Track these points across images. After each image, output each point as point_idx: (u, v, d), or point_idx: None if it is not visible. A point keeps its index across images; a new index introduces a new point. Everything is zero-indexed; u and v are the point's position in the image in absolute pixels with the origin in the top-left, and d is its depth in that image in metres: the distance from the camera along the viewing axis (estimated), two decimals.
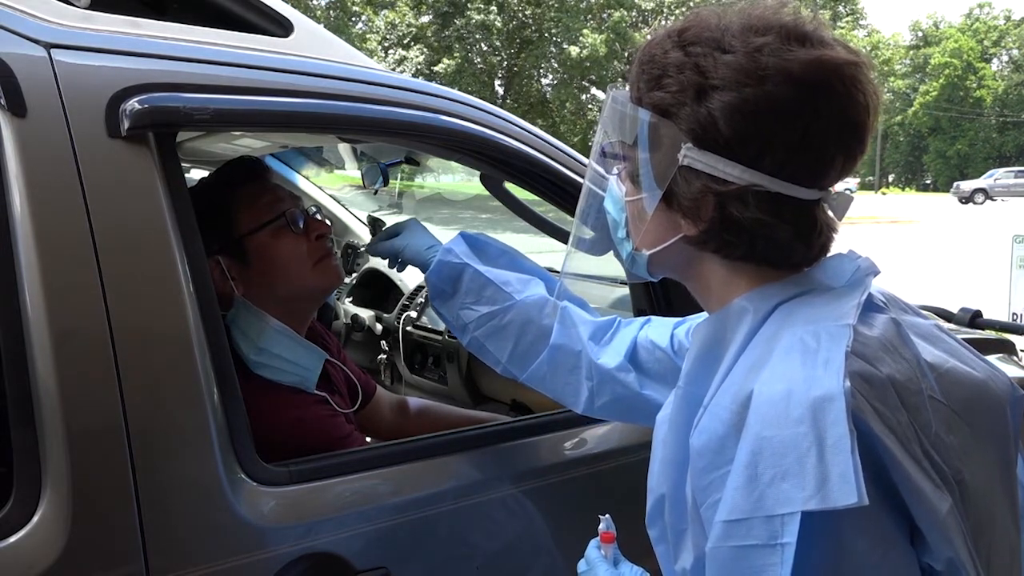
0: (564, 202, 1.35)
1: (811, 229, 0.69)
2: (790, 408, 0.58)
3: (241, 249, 1.24)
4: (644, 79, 0.70)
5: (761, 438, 0.58)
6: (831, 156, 0.67)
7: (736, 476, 0.60)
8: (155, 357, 0.89)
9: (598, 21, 22.02)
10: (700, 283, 0.76)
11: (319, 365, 1.28)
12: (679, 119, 0.67)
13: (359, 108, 1.11)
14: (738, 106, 0.64)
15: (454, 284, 1.17)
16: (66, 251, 0.85)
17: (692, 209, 0.69)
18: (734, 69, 0.65)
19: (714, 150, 0.66)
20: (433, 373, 2.36)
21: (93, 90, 0.90)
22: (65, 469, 0.82)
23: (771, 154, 0.65)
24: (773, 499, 0.57)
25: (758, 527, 0.58)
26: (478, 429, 1.25)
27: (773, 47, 0.65)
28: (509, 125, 1.27)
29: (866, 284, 0.69)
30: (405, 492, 1.08)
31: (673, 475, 0.73)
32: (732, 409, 0.62)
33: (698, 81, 0.66)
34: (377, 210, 3.17)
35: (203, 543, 0.91)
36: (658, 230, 0.73)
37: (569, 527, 1.26)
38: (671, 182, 0.69)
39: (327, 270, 1.30)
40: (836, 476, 0.54)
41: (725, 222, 0.68)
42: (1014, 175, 27.43)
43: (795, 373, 0.60)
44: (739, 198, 0.66)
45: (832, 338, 0.61)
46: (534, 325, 1.12)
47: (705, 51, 0.66)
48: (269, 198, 1.27)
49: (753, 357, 0.65)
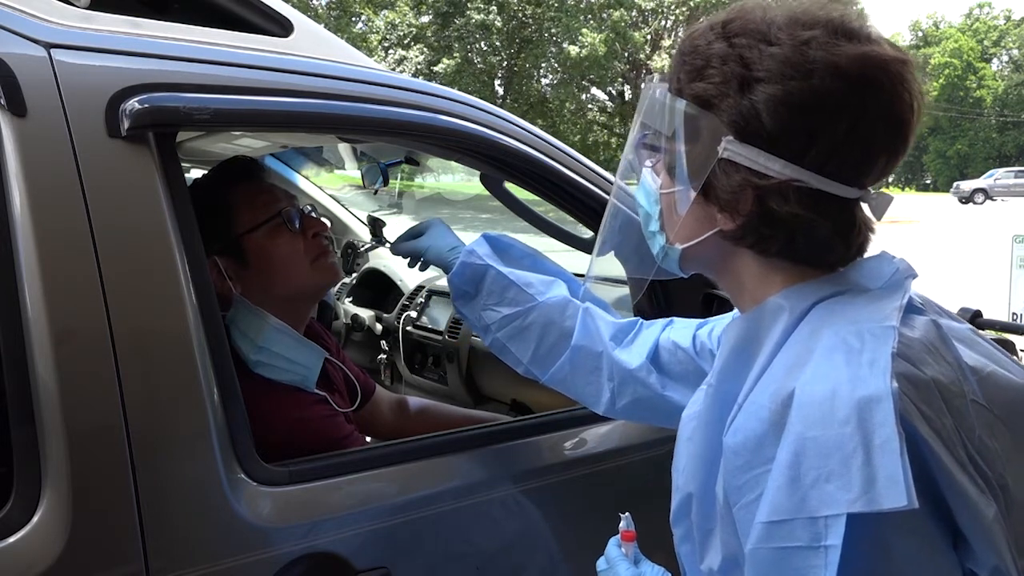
0: (564, 202, 1.35)
1: (850, 228, 0.68)
2: (835, 408, 0.57)
3: (238, 249, 1.24)
4: (685, 70, 0.69)
5: (804, 438, 0.57)
6: (875, 154, 0.66)
7: (777, 476, 0.58)
8: (155, 357, 0.89)
9: (598, 21, 22.01)
10: (733, 279, 0.75)
11: (319, 364, 1.28)
12: (721, 111, 0.66)
13: (359, 108, 1.11)
14: (783, 99, 0.63)
15: (476, 285, 1.16)
16: (66, 251, 0.85)
17: (730, 203, 0.68)
18: (780, 61, 0.64)
19: (755, 144, 0.65)
20: (433, 373, 2.36)
21: (93, 90, 0.90)
22: (65, 469, 0.82)
23: (814, 149, 0.64)
24: (817, 500, 0.56)
25: (800, 529, 0.57)
26: (478, 429, 1.25)
27: (821, 41, 0.64)
28: (509, 125, 1.27)
29: (906, 287, 0.67)
30: (405, 492, 1.08)
31: (702, 473, 0.71)
32: (771, 408, 0.61)
33: (742, 73, 0.65)
34: (377, 210, 3.17)
35: (203, 543, 0.91)
36: (693, 224, 0.72)
37: (569, 527, 1.26)
38: (709, 175, 0.68)
39: (324, 268, 1.30)
40: (884, 478, 0.53)
41: (764, 217, 0.66)
42: (1014, 175, 27.42)
43: (839, 373, 0.58)
44: (779, 193, 0.65)
45: (876, 339, 0.60)
46: (556, 326, 1.12)
47: (750, 43, 0.65)
48: (265, 197, 1.27)
49: (792, 356, 0.64)
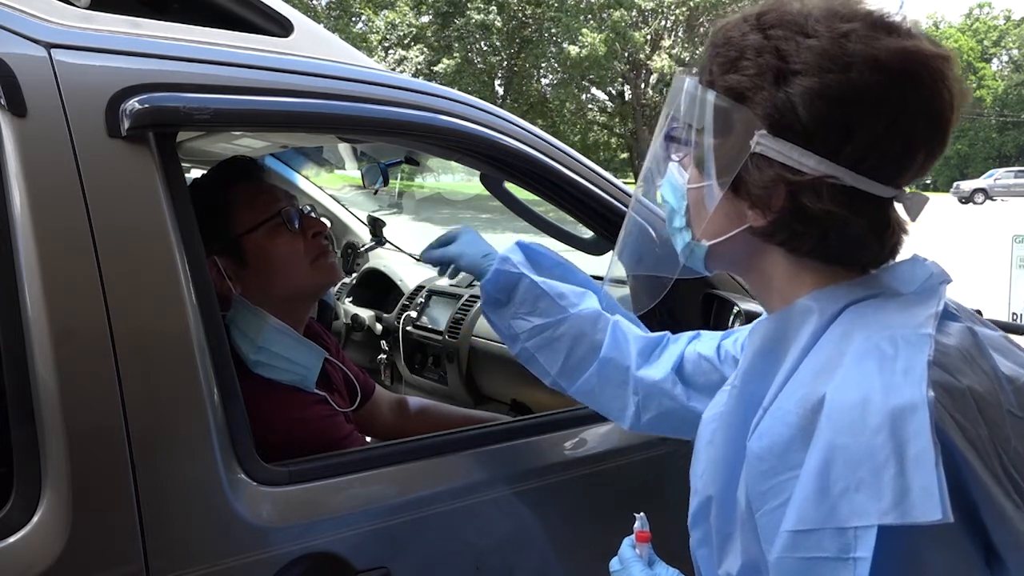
0: (564, 202, 1.35)
1: (884, 227, 0.66)
2: (866, 416, 0.55)
3: (238, 249, 1.24)
4: (718, 62, 0.67)
5: (834, 446, 0.56)
6: (913, 152, 0.64)
7: (805, 484, 0.57)
8: (155, 357, 0.89)
9: (598, 21, 22.01)
10: (761, 278, 0.73)
11: (318, 364, 1.28)
12: (754, 104, 0.64)
13: (359, 108, 1.11)
14: (820, 92, 0.61)
15: (509, 293, 1.14)
16: (66, 251, 0.85)
17: (762, 198, 0.66)
18: (818, 54, 0.62)
19: (790, 138, 0.63)
20: (433, 373, 2.36)
21: (93, 90, 0.90)
22: (65, 469, 0.82)
23: (850, 145, 0.62)
24: (846, 510, 0.54)
25: (828, 539, 0.55)
26: (478, 429, 1.25)
27: (861, 34, 0.62)
28: (509, 125, 1.27)
29: (940, 292, 0.66)
30: (405, 492, 1.08)
31: (723, 476, 0.70)
32: (799, 413, 0.59)
33: (778, 65, 0.63)
34: (377, 210, 3.17)
35: (203, 543, 0.91)
36: (721, 219, 0.70)
37: (569, 527, 1.26)
38: (740, 169, 0.66)
39: (324, 268, 1.30)
40: (918, 490, 0.52)
41: (796, 213, 0.65)
42: (1014, 175, 27.41)
43: (872, 380, 0.57)
44: (813, 189, 0.63)
45: (911, 346, 0.58)
46: (587, 339, 1.10)
47: (787, 35, 0.64)
48: (265, 197, 1.27)
49: (821, 360, 0.63)
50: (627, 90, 24.23)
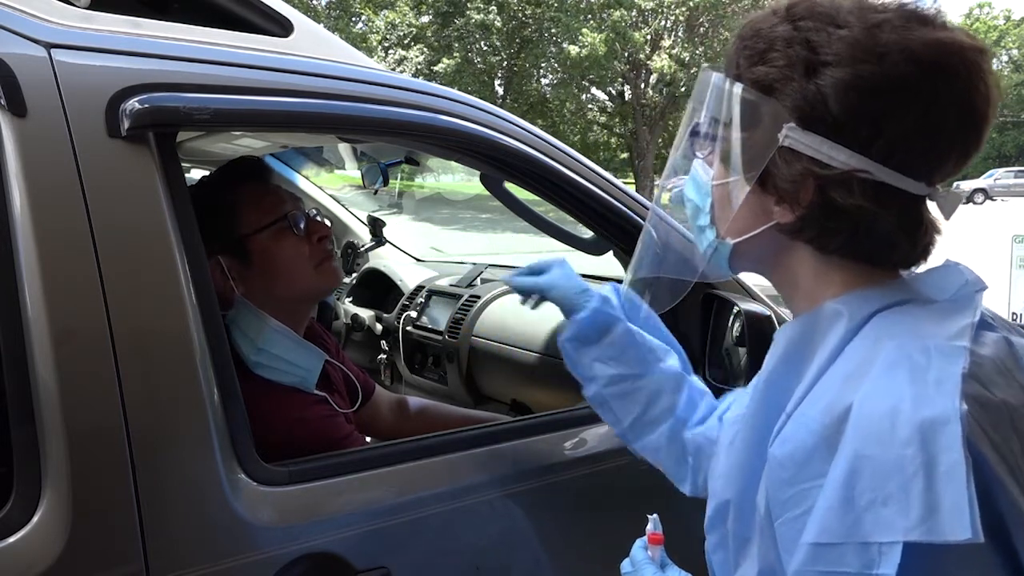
0: (564, 202, 1.35)
1: (917, 226, 0.64)
2: (896, 427, 0.53)
3: (242, 249, 1.24)
4: (745, 54, 0.66)
5: (861, 457, 0.54)
6: (945, 147, 0.62)
7: (829, 496, 0.55)
8: (155, 357, 0.89)
9: (598, 21, 22.00)
10: (787, 277, 0.71)
11: (319, 365, 1.28)
12: (783, 95, 0.63)
13: (359, 108, 1.11)
14: (852, 83, 0.60)
15: (600, 335, 1.08)
16: (66, 251, 0.85)
17: (790, 193, 0.64)
18: (850, 44, 0.60)
19: (819, 131, 0.62)
20: (433, 373, 2.36)
21: (93, 90, 0.90)
22: (65, 469, 0.82)
23: (881, 139, 0.60)
24: (871, 524, 0.53)
25: (851, 554, 0.53)
26: (478, 429, 1.25)
27: (894, 24, 0.61)
28: (509, 125, 1.27)
29: (976, 301, 0.64)
30: (405, 492, 1.08)
31: (742, 481, 0.68)
32: (824, 422, 0.58)
33: (808, 56, 0.62)
34: (377, 210, 3.17)
35: (203, 543, 0.91)
36: (747, 216, 0.68)
37: (569, 527, 1.26)
38: (768, 164, 0.64)
39: (327, 272, 1.30)
40: (948, 506, 0.50)
41: (825, 208, 0.63)
42: (1014, 175, 27.40)
43: (902, 390, 0.55)
44: (842, 183, 0.61)
45: (945, 357, 0.56)
46: (665, 397, 1.05)
47: (817, 26, 0.62)
48: (272, 199, 1.27)
49: (849, 367, 0.61)
50: (627, 90, 24.22)
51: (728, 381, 1.35)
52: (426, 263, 2.95)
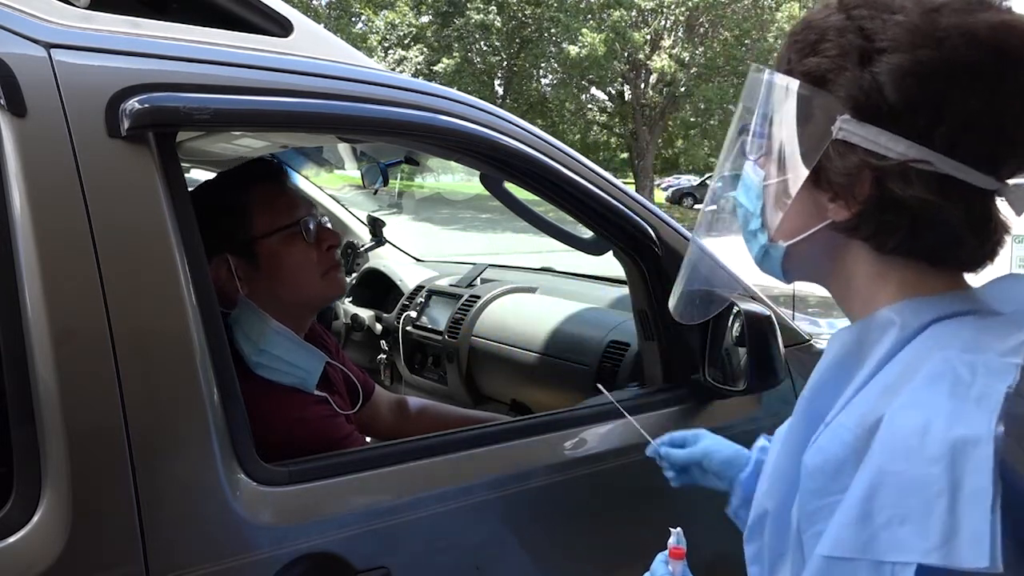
0: (564, 202, 1.35)
1: (984, 222, 0.60)
2: (925, 443, 0.50)
3: (251, 251, 1.24)
4: (796, 48, 0.64)
5: (884, 472, 0.52)
6: (1011, 136, 0.58)
7: (847, 509, 0.53)
8: (155, 357, 0.89)
9: (598, 21, 21.97)
10: (842, 281, 0.68)
11: (319, 367, 1.28)
12: (836, 86, 0.60)
13: (359, 108, 1.11)
14: (910, 69, 0.57)
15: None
16: (66, 251, 0.85)
17: (845, 188, 0.61)
18: (907, 30, 0.58)
19: (875, 121, 0.58)
20: (433, 373, 2.36)
21: (93, 90, 0.90)
22: (65, 469, 0.82)
23: (943, 127, 0.57)
24: (886, 543, 0.50)
25: (864, 571, 0.51)
26: (478, 429, 1.25)
27: (954, 7, 0.58)
28: (509, 125, 1.27)
29: None
30: (405, 492, 1.08)
31: (780, 492, 0.66)
32: (856, 433, 0.56)
33: (862, 44, 0.59)
34: (377, 210, 3.17)
35: (203, 543, 0.91)
36: (800, 216, 0.65)
37: (569, 527, 1.26)
38: (821, 158, 0.61)
39: (333, 282, 1.30)
40: (968, 533, 0.47)
41: (884, 202, 0.59)
42: None
43: (939, 405, 0.52)
44: (900, 175, 0.58)
45: (992, 374, 0.53)
46: None
47: (871, 13, 0.60)
48: (286, 203, 1.27)
49: (890, 377, 0.58)
50: (627, 90, 24.20)
51: (728, 381, 1.35)
52: (426, 263, 2.95)
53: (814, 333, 1.69)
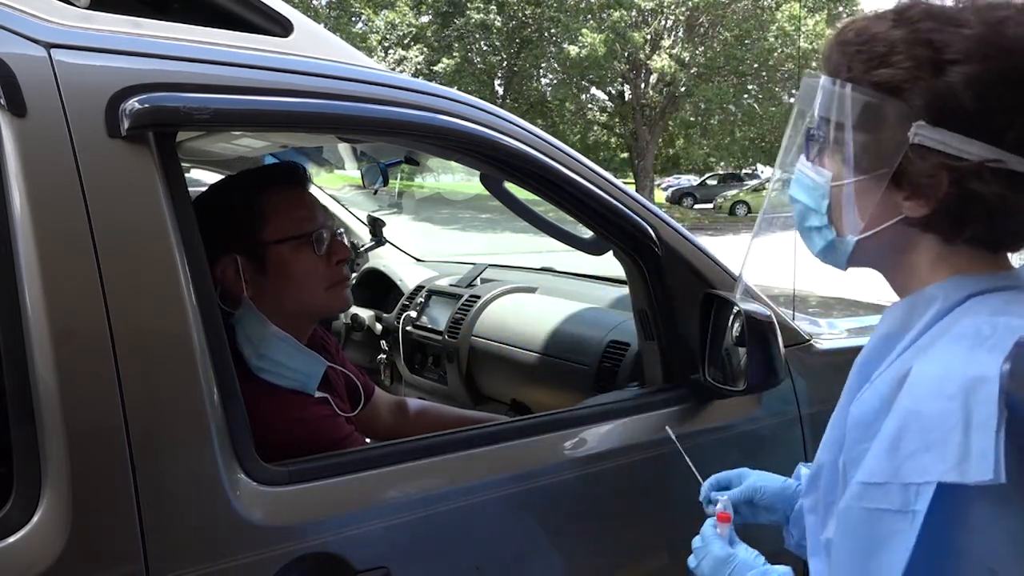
0: (564, 202, 1.35)
1: None
2: (944, 384, 0.59)
3: (261, 254, 1.23)
4: (861, 59, 0.69)
5: (910, 412, 0.60)
6: None
7: (879, 444, 0.62)
8: (155, 357, 0.89)
9: (598, 21, 21.96)
10: (905, 269, 0.74)
11: (319, 372, 1.28)
12: (912, 95, 0.65)
13: (359, 108, 1.11)
14: (983, 78, 0.63)
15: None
16: (66, 251, 0.85)
17: (923, 187, 0.67)
18: (976, 42, 0.64)
19: (950, 127, 0.64)
20: (433, 373, 2.36)
21: (93, 90, 0.90)
22: (65, 469, 0.82)
23: (1014, 129, 0.63)
24: (912, 468, 0.59)
25: (894, 493, 0.60)
26: (477, 429, 1.25)
27: (1018, 20, 0.64)
28: (509, 125, 1.27)
29: None
30: (405, 492, 1.08)
31: (834, 446, 0.75)
32: (891, 385, 0.64)
33: (932, 56, 0.65)
34: (377, 210, 3.17)
35: (203, 543, 0.91)
36: (875, 213, 0.71)
37: (569, 527, 1.26)
38: (900, 160, 0.67)
39: (338, 296, 1.30)
40: (977, 452, 0.55)
41: (963, 198, 0.65)
42: None
43: (960, 355, 0.60)
44: (976, 174, 0.64)
45: (1011, 331, 0.60)
46: None
47: (937, 26, 0.65)
48: (302, 212, 1.27)
49: (926, 340, 0.67)
50: (627, 90, 24.19)
51: (728, 381, 1.35)
52: (426, 263, 2.95)
53: (814, 333, 1.69)
